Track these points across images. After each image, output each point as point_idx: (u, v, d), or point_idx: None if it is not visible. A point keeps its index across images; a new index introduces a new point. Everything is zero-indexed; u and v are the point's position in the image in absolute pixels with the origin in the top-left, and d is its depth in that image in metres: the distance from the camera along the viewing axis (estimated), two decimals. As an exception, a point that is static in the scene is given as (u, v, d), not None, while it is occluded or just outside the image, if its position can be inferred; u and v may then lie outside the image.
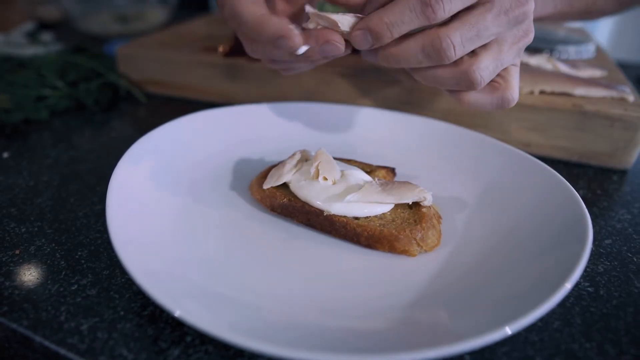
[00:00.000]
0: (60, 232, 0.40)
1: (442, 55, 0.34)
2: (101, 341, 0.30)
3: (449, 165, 0.48)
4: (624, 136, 0.50)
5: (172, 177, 0.43)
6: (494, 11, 0.33)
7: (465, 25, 0.33)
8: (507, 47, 0.35)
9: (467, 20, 0.33)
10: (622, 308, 0.34)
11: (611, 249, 0.40)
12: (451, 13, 0.33)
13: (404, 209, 0.39)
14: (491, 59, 0.35)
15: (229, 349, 0.29)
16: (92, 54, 0.75)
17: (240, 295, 0.32)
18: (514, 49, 0.36)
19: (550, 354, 0.30)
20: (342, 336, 0.28)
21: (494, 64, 0.35)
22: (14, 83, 0.63)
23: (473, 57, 0.35)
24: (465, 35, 0.33)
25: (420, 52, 0.34)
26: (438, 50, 0.34)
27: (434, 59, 0.34)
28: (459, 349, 0.25)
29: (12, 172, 0.49)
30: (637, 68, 1.06)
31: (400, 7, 0.33)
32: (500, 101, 0.37)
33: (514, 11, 0.33)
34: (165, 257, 0.33)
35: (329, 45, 0.36)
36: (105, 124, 0.62)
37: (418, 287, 0.33)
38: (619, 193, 0.49)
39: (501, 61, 0.35)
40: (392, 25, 0.34)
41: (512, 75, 0.37)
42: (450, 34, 0.33)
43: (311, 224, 0.39)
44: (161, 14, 1.08)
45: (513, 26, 0.34)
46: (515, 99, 0.37)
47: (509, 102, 0.37)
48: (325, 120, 0.53)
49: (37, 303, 0.33)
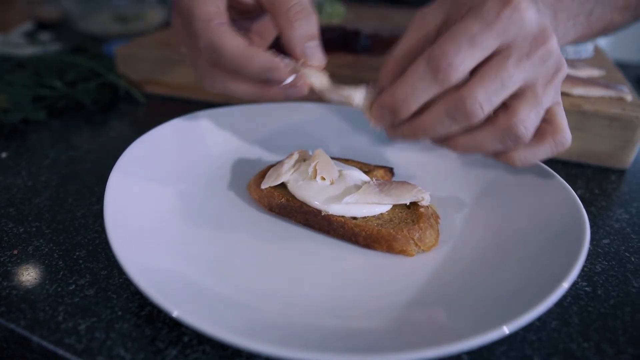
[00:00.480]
0: (59, 232, 0.40)
1: (470, 115, 0.31)
2: (99, 341, 0.30)
3: (446, 165, 0.48)
4: (622, 136, 0.50)
5: (170, 177, 0.43)
6: (514, 57, 0.31)
7: (486, 80, 0.31)
8: (541, 89, 0.32)
9: (487, 73, 0.31)
10: (620, 307, 0.34)
11: (609, 248, 0.40)
12: (466, 72, 0.31)
13: (402, 209, 0.39)
14: (529, 107, 0.32)
15: (226, 349, 0.29)
16: (91, 54, 0.75)
17: (238, 295, 0.32)
18: (551, 89, 0.33)
19: (548, 353, 0.30)
20: (340, 336, 0.28)
21: (534, 112, 0.32)
22: (13, 83, 0.63)
23: (509, 111, 0.32)
24: (490, 89, 0.30)
25: (445, 117, 0.32)
26: (464, 112, 0.31)
27: (461, 121, 0.32)
28: (457, 349, 0.25)
29: (11, 172, 0.49)
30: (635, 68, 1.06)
31: (411, 78, 0.32)
32: (554, 148, 0.34)
33: (535, 52, 0.31)
34: (163, 258, 0.33)
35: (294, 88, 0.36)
36: (104, 124, 0.62)
37: (416, 287, 0.33)
38: (617, 193, 0.49)
39: (540, 106, 0.32)
40: (406, 98, 0.32)
41: (557, 115, 0.34)
42: (473, 91, 0.30)
43: (309, 223, 0.39)
44: (160, 14, 1.08)
45: (540, 67, 0.32)
46: (568, 140, 0.34)
47: (563, 145, 0.34)
48: (324, 120, 0.53)
49: (35, 303, 0.33)
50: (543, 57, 0.31)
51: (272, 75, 0.35)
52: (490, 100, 0.31)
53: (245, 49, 0.35)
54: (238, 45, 0.35)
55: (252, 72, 0.35)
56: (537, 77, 0.32)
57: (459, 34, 0.30)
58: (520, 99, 0.32)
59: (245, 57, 0.35)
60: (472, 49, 0.30)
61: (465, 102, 0.31)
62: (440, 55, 0.30)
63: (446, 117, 0.32)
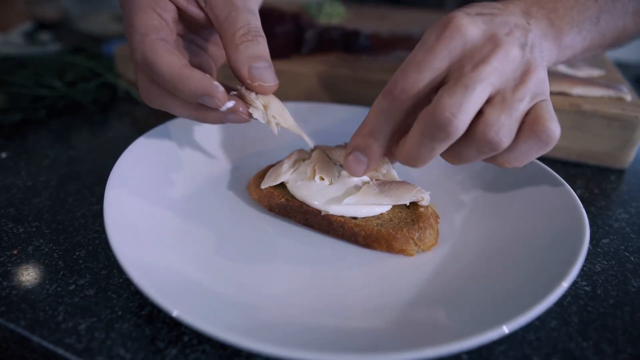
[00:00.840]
0: (58, 232, 0.40)
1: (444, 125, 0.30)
2: (99, 341, 0.30)
3: (446, 165, 0.47)
4: (621, 135, 0.50)
5: (170, 177, 0.43)
6: (469, 66, 0.30)
7: (450, 90, 0.30)
8: (509, 92, 0.31)
9: (449, 85, 0.30)
10: (619, 307, 0.34)
11: (608, 248, 0.40)
12: (420, 96, 0.31)
13: (402, 209, 0.39)
14: (497, 111, 0.31)
15: (226, 349, 0.29)
16: (91, 54, 0.75)
17: (237, 295, 0.32)
18: (523, 90, 0.31)
19: (547, 353, 0.30)
20: (339, 335, 0.28)
21: (504, 115, 0.30)
22: (12, 83, 0.63)
23: (481, 119, 0.31)
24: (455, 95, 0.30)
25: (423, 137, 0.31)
26: (437, 123, 0.30)
27: (439, 135, 0.31)
28: (457, 348, 0.25)
29: (10, 172, 0.49)
30: (634, 67, 1.06)
31: (372, 113, 0.33)
32: (540, 143, 0.32)
33: (491, 57, 0.30)
34: (163, 257, 0.33)
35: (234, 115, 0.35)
36: (103, 124, 0.62)
37: (416, 287, 0.33)
38: (617, 192, 0.49)
39: (512, 108, 0.31)
40: (373, 131, 0.33)
41: (541, 109, 0.32)
42: (440, 102, 0.30)
43: (309, 223, 0.39)
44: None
45: (502, 70, 0.31)
46: (554, 132, 0.32)
47: (549, 138, 0.32)
48: (324, 120, 0.53)
49: (35, 303, 0.33)
50: (501, 60, 0.30)
51: (207, 101, 0.33)
52: (460, 106, 0.30)
53: (180, 70, 0.33)
54: (172, 64, 0.33)
55: (186, 95, 0.33)
56: (503, 80, 0.31)
57: (406, 64, 0.32)
58: (489, 105, 0.31)
59: (179, 78, 0.33)
60: (420, 74, 0.31)
61: (434, 113, 0.30)
62: (391, 85, 0.32)
63: (424, 137, 0.31)
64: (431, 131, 0.31)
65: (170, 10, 0.36)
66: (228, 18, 0.35)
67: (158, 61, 0.33)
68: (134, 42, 0.34)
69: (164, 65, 0.33)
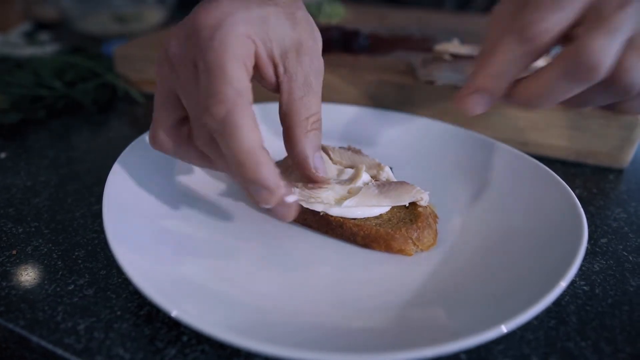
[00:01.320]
0: (58, 233, 0.40)
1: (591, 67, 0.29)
2: (98, 341, 0.30)
3: (445, 165, 0.48)
4: (620, 135, 0.50)
5: (169, 177, 0.43)
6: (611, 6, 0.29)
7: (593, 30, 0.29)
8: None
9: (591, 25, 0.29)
10: (618, 306, 0.34)
11: (607, 247, 0.40)
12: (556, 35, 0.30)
13: (401, 208, 0.39)
14: (637, 55, 0.30)
15: (225, 349, 0.30)
16: (90, 54, 0.75)
17: (237, 295, 0.32)
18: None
19: (546, 352, 0.30)
20: (338, 335, 0.28)
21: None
22: (12, 83, 0.63)
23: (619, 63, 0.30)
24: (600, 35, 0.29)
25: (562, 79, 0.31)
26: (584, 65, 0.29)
27: (582, 78, 0.30)
28: (455, 348, 0.25)
29: (10, 172, 0.49)
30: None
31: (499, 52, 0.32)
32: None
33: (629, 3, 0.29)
34: (162, 257, 0.33)
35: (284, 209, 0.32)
36: (102, 124, 0.62)
37: (414, 286, 0.33)
38: (615, 192, 0.49)
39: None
40: (500, 73, 0.32)
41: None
42: (587, 41, 0.29)
43: (308, 223, 0.39)
44: (159, 14, 1.08)
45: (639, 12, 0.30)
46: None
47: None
48: (324, 120, 0.53)
49: (34, 303, 0.33)
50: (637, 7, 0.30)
51: (259, 191, 0.30)
52: (608, 48, 0.29)
53: (258, 151, 0.29)
54: (255, 141, 0.29)
55: (243, 178, 0.29)
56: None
57: (536, 6, 0.30)
58: (627, 48, 0.30)
59: (253, 159, 0.29)
60: (563, 12, 0.30)
61: (581, 55, 0.29)
62: (525, 26, 0.31)
63: (564, 78, 0.30)
64: (574, 72, 0.30)
65: (252, 66, 0.32)
66: (304, 99, 0.34)
67: (243, 131, 0.28)
68: (222, 93, 0.29)
69: (246, 138, 0.29)
